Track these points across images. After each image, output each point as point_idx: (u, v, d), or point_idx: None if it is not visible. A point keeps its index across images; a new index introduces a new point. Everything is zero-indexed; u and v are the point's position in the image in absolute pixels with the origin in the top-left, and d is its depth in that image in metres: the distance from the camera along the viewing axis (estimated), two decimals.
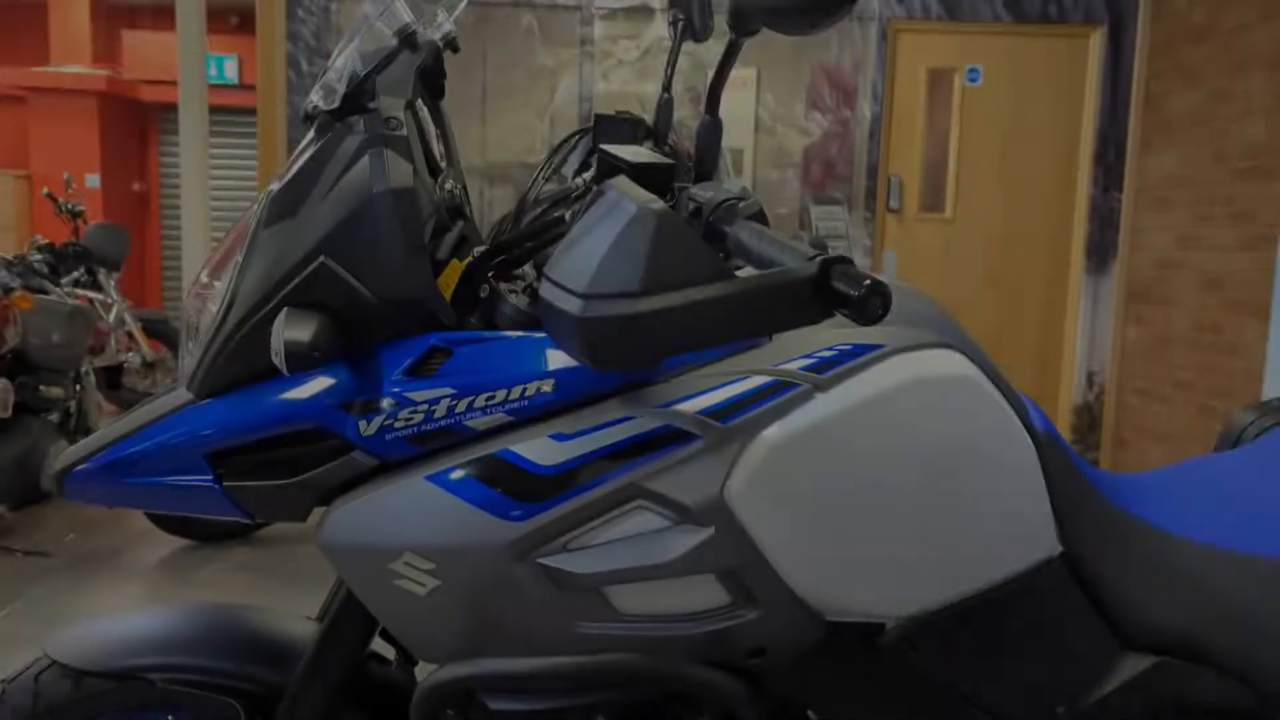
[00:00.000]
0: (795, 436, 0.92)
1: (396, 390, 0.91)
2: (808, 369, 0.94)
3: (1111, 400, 4.80)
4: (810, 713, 1.10)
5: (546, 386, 0.91)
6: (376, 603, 0.93)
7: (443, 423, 0.91)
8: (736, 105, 4.77)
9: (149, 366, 6.75)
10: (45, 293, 4.23)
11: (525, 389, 0.91)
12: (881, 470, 0.94)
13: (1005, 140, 4.78)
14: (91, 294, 4.85)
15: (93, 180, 9.35)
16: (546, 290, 0.81)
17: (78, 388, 4.23)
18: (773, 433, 0.91)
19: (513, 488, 0.89)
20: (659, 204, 0.77)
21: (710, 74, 1.10)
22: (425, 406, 0.91)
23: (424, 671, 1.00)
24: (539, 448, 0.90)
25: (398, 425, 0.91)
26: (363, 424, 0.91)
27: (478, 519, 0.89)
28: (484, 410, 0.91)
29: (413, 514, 0.90)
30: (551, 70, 4.80)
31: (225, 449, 0.95)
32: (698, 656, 0.95)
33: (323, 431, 0.92)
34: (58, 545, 3.75)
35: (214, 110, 5.45)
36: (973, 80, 4.76)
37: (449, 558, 0.90)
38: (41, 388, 3.90)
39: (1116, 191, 4.71)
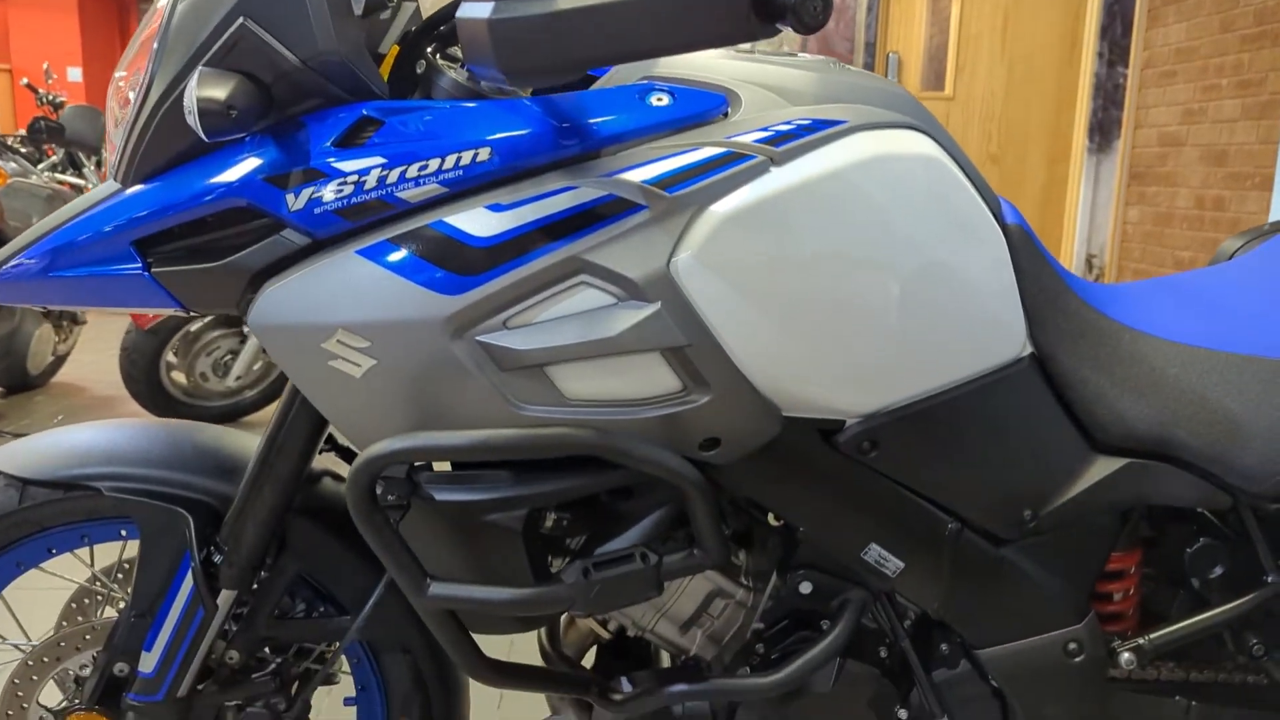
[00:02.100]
0: (746, 210, 0.87)
1: (324, 161, 0.86)
2: (763, 141, 0.89)
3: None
4: (770, 517, 1.08)
5: (483, 155, 0.86)
6: (312, 387, 0.90)
7: (373, 194, 0.86)
8: None
9: None
10: (24, 176, 4.15)
11: (460, 158, 0.86)
12: (837, 252, 0.89)
13: (1008, 14, 4.62)
14: (73, 180, 4.76)
15: (75, 74, 9.15)
16: (462, 10, 0.75)
17: None
18: (723, 205, 0.87)
19: (447, 260, 0.85)
20: None
21: None
22: (355, 178, 0.86)
23: None
24: (475, 219, 0.85)
25: (326, 198, 0.86)
26: (290, 198, 0.86)
27: (411, 293, 0.85)
28: (417, 181, 0.86)
29: (344, 290, 0.86)
30: None
31: (153, 234, 0.91)
32: None
33: (251, 210, 0.88)
34: (45, 428, 3.75)
35: None
36: None
37: (383, 335, 0.86)
38: None
39: (1122, 67, 4.57)
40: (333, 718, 1.30)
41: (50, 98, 5.56)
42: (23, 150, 4.55)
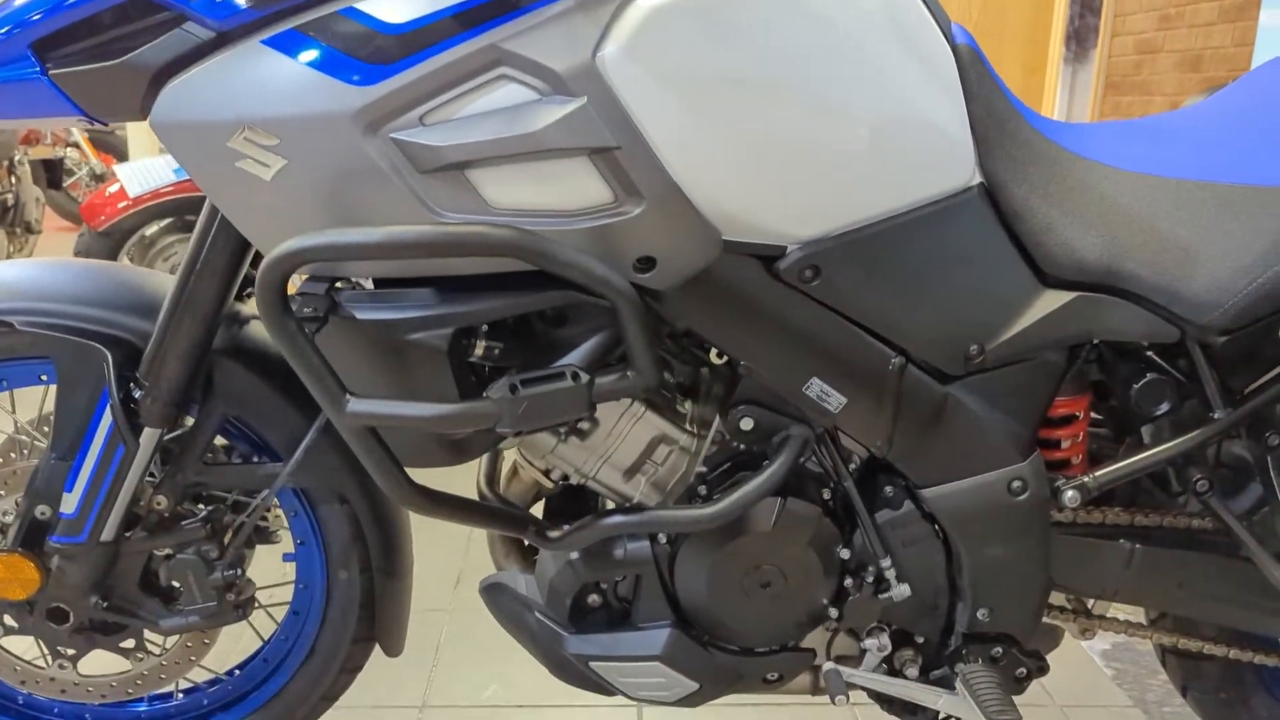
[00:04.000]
0: (679, 1, 0.82)
1: None
2: None
3: None
4: (712, 354, 1.05)
5: None
6: (220, 192, 0.85)
7: None
8: None
9: (98, 179, 6.56)
10: None
11: None
12: (773, 57, 0.85)
13: None
14: None
15: None
16: None
17: (13, 179, 4.07)
18: None
19: (357, 49, 0.80)
20: None
21: None
22: None
23: None
24: (387, 5, 0.81)
25: None
26: None
27: (320, 85, 0.81)
28: None
29: (249, 84, 0.81)
30: None
31: (51, 34, 0.86)
32: None
33: (151, 3, 0.83)
34: None
35: None
36: None
37: (292, 131, 0.82)
38: None
39: None
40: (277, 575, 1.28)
41: None
42: None
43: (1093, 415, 1.16)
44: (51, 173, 4.73)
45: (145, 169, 3.43)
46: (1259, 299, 0.97)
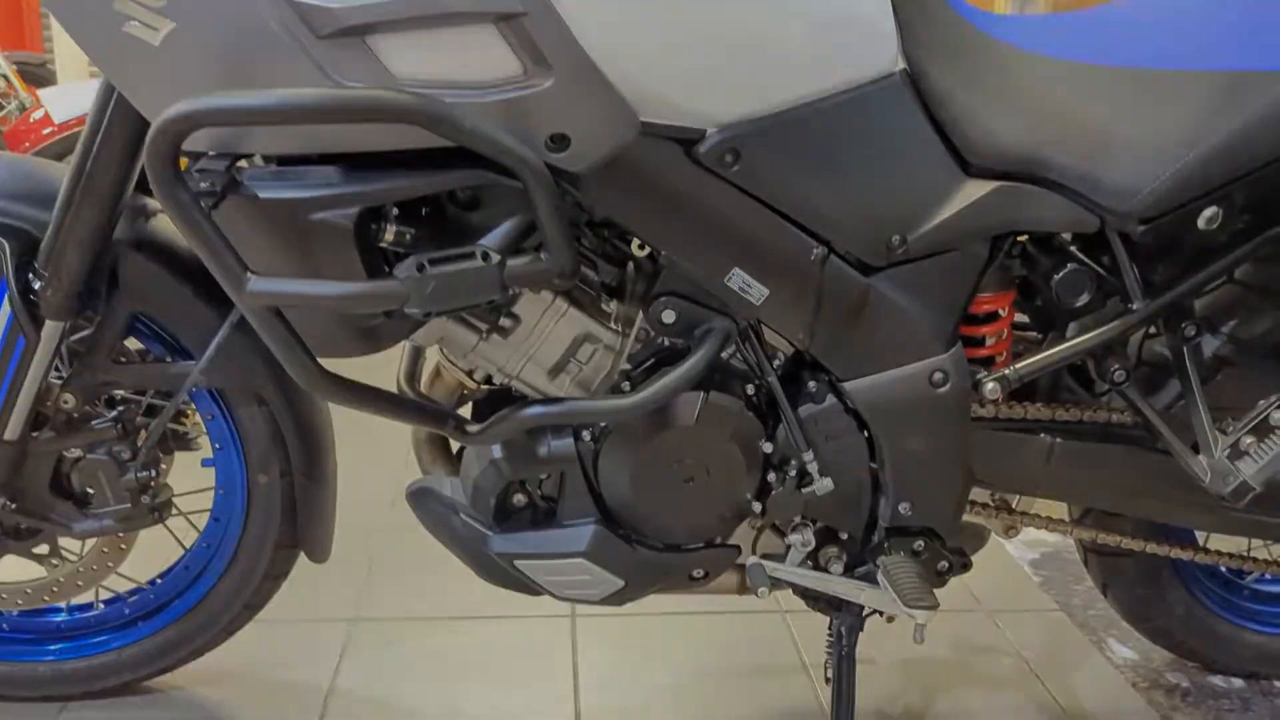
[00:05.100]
0: None
1: None
2: None
3: None
4: (634, 246, 1.03)
5: None
6: (107, 59, 0.82)
7: None
8: None
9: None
10: None
11: None
12: None
13: None
14: None
15: None
16: None
17: None
18: None
19: None
20: None
21: None
22: None
23: None
24: None
25: None
26: None
27: None
28: None
29: None
30: None
31: None
32: None
33: None
34: None
35: None
36: None
37: None
38: None
39: None
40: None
41: None
42: None
43: (1019, 318, 1.17)
44: None
45: (71, 93, 3.32)
46: (1177, 185, 0.98)
